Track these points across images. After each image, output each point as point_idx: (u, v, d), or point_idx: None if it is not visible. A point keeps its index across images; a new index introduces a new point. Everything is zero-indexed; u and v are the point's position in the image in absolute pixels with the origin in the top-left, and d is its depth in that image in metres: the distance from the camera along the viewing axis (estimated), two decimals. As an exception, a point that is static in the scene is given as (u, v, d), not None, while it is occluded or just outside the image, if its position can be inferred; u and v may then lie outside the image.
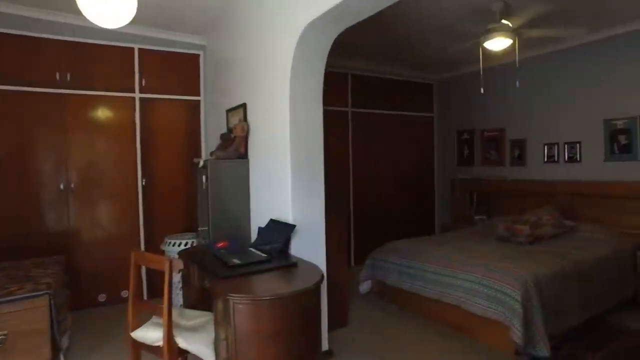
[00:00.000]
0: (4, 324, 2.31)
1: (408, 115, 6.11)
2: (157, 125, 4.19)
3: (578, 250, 3.50)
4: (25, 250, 3.45)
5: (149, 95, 4.13)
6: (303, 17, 2.52)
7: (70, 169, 3.82)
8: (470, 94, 5.85)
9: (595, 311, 3.32)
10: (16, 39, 3.57)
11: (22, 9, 3.54)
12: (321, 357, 2.62)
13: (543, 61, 4.88)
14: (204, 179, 3.18)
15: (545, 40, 4.48)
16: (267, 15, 3.00)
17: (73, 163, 3.83)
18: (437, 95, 6.40)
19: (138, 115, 4.07)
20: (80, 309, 3.68)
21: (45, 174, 3.73)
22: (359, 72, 5.57)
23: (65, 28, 3.73)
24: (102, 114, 3.94)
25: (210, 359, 1.96)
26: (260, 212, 3.06)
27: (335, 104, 5.19)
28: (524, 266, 3.01)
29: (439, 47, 4.82)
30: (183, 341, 2.00)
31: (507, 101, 5.35)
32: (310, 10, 2.45)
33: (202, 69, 4.39)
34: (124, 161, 4.02)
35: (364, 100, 5.62)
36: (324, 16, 2.41)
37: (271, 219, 2.79)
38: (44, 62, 3.69)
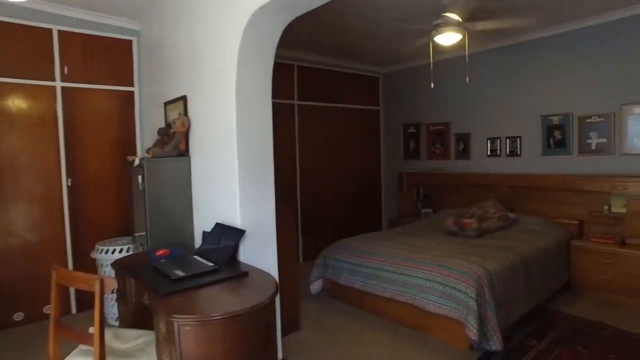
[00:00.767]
0: None
1: (355, 109, 6.05)
2: (85, 118, 3.73)
3: (523, 243, 3.61)
4: None
5: (73, 85, 3.66)
6: (252, 2, 2.29)
7: (-24, 168, 3.29)
8: (416, 87, 5.90)
9: (537, 300, 3.45)
10: None
11: None
12: (276, 369, 2.45)
13: (486, 58, 5.00)
14: (140, 178, 2.85)
15: (490, 36, 4.57)
16: (210, -2, 2.73)
17: (-21, 162, 3.31)
18: (384, 89, 6.39)
19: (60, 106, 3.59)
20: (-9, 331, 3.21)
21: (-55, 175, 3.19)
22: (306, 64, 5.39)
23: (-34, 4, 3.19)
24: (15, 104, 3.43)
25: (152, 389, 1.72)
26: (205, 215, 2.80)
27: (281, 97, 4.97)
28: (476, 262, 3.03)
29: (386, 40, 4.77)
30: (118, 371, 1.74)
31: (452, 96, 5.44)
32: (259, -6, 2.23)
33: (136, 57, 3.97)
34: (44, 159, 3.54)
35: (310, 92, 5.46)
36: (275, 2, 2.20)
37: (217, 223, 2.55)
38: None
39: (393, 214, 6.24)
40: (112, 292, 2.23)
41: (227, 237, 2.35)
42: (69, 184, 3.64)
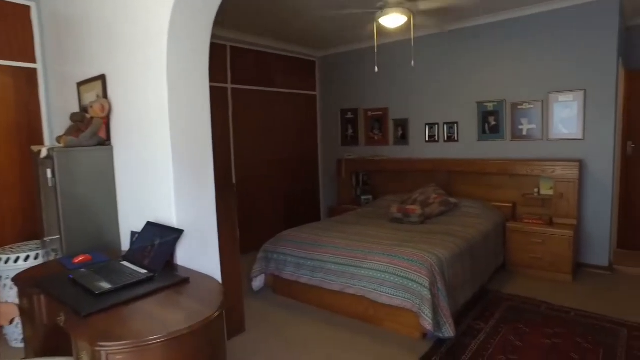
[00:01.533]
0: None
1: (292, 94, 5.81)
2: (-28, 100, 3.09)
3: (467, 228, 3.66)
4: None
5: (-46, 59, 3.00)
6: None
7: None
8: (353, 72, 5.79)
9: (480, 282, 3.53)
10: None
11: None
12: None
13: (425, 44, 5.00)
14: (50, 172, 2.39)
15: (431, 20, 4.53)
16: (130, -42, 2.31)
17: None
18: (320, 73, 6.21)
19: (-62, 85, 2.93)
20: None
21: None
22: (239, 45, 5.02)
23: None
24: None
25: None
26: (134, 214, 2.43)
27: (213, 80, 4.51)
28: (427, 250, 2.99)
29: (323, 22, 4.56)
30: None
31: (390, 81, 5.41)
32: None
33: (37, 26, 3.36)
34: None
35: (245, 76, 5.11)
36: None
37: (149, 222, 2.20)
38: None
39: (332, 201, 6.15)
40: (11, 322, 1.81)
41: (162, 238, 2.03)
42: (-45, 180, 3.01)
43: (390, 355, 2.70)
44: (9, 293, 2.72)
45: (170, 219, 2.15)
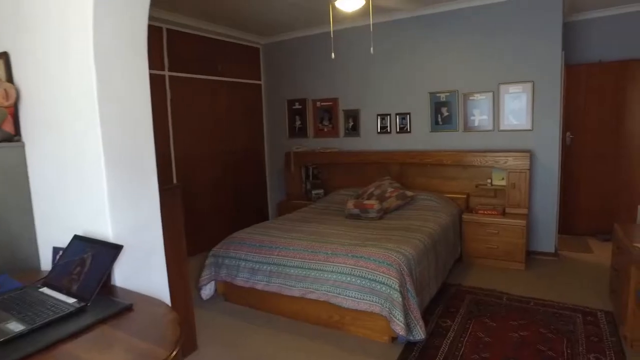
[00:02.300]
0: None
1: (235, 82, 5.40)
2: None
3: (427, 222, 3.56)
4: None
5: None
6: None
7: None
8: (301, 60, 5.50)
9: (442, 278, 3.45)
10: None
11: None
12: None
13: (378, 31, 4.82)
14: (-63, 176, 1.87)
15: (390, 1, 4.36)
16: None
17: None
18: (265, 61, 5.85)
19: None
20: None
21: None
22: (177, 28, 4.53)
23: None
24: None
25: None
26: (56, 225, 1.98)
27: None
28: (393, 249, 2.82)
29: (268, 5, 4.23)
30: None
31: (340, 70, 5.20)
32: None
33: None
34: None
35: (183, 62, 4.64)
36: None
37: (76, 236, 1.79)
38: None
39: (280, 196, 5.85)
40: None
41: (95, 257, 1.64)
42: None
43: (360, 364, 2.51)
44: None
45: (105, 231, 1.76)
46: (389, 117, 4.93)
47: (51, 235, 1.99)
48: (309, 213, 4.23)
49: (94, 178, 1.76)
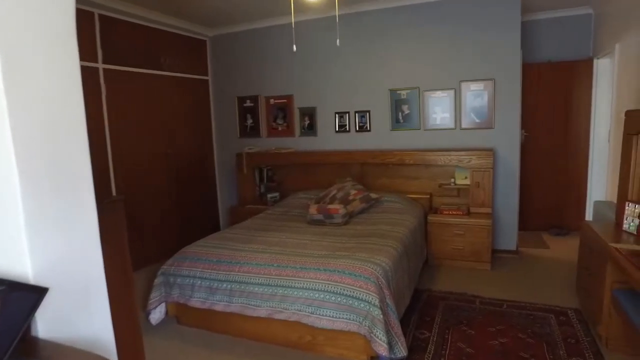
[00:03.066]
0: None
1: (180, 78, 4.92)
2: None
3: (396, 226, 3.37)
4: None
5: None
6: None
7: None
8: (252, 55, 5.13)
9: (414, 285, 3.28)
10: None
11: None
12: None
13: (335, 25, 4.58)
14: None
15: None
16: None
17: None
18: (213, 55, 5.40)
19: None
20: None
21: None
22: (112, 14, 3.99)
23: None
24: None
25: None
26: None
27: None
28: (369, 260, 2.58)
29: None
30: None
31: (295, 65, 4.90)
32: None
33: None
34: None
35: (121, 54, 4.11)
36: None
37: (-18, 273, 1.35)
38: None
39: (232, 201, 5.45)
40: None
41: (6, 305, 1.22)
42: None
43: (339, 391, 2.25)
44: None
45: (21, 267, 1.34)
46: (347, 115, 4.71)
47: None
48: (267, 220, 3.90)
49: (4, 196, 1.33)
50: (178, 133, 4.89)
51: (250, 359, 2.58)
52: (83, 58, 3.46)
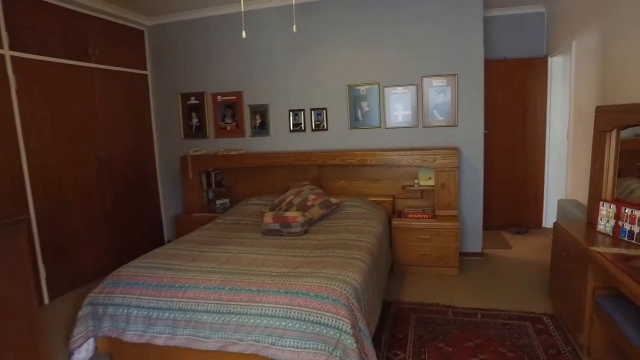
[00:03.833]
0: None
1: (114, 71, 4.34)
2: None
3: (362, 234, 3.06)
4: None
5: None
6: None
7: None
8: (195, 47, 4.65)
9: (383, 298, 2.99)
10: None
11: None
12: None
13: (287, 15, 4.21)
14: None
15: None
16: None
17: None
18: (151, 46, 4.84)
19: None
20: None
21: None
22: (21, -7, 3.38)
23: None
24: None
25: None
26: None
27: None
28: (337, 278, 2.24)
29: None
30: None
31: (244, 59, 4.48)
32: None
33: None
34: None
35: (36, 40, 3.49)
36: None
37: None
38: None
39: (177, 209, 4.93)
40: None
41: None
42: None
43: None
44: None
45: None
46: (302, 113, 4.36)
47: None
48: (217, 230, 3.46)
49: None
50: (113, 134, 4.30)
51: (199, 401, 2.16)
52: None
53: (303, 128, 4.38)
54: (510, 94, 4.80)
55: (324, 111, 4.27)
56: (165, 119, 4.93)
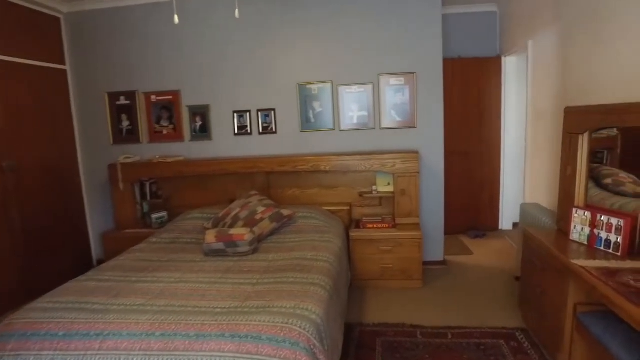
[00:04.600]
0: None
1: (21, 65, 3.66)
2: None
3: (320, 251, 2.70)
4: None
5: None
6: None
7: None
8: (124, 39, 4.07)
9: (344, 321, 2.65)
10: None
11: None
12: None
13: (231, 5, 3.76)
14: None
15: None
16: None
17: None
18: (70, 37, 4.18)
19: None
20: None
21: None
22: None
23: None
24: None
25: None
26: None
27: None
28: (294, 314, 1.86)
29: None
30: None
31: (182, 54, 3.97)
32: None
33: None
34: None
35: None
36: None
37: None
38: None
39: (107, 225, 4.29)
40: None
41: None
42: None
43: None
44: None
45: None
46: (248, 115, 3.93)
47: None
48: (150, 252, 2.95)
49: None
50: (22, 139, 3.63)
51: None
52: None
53: (249, 131, 3.95)
54: (466, 94, 4.67)
55: (273, 112, 3.87)
56: (91, 121, 4.28)
